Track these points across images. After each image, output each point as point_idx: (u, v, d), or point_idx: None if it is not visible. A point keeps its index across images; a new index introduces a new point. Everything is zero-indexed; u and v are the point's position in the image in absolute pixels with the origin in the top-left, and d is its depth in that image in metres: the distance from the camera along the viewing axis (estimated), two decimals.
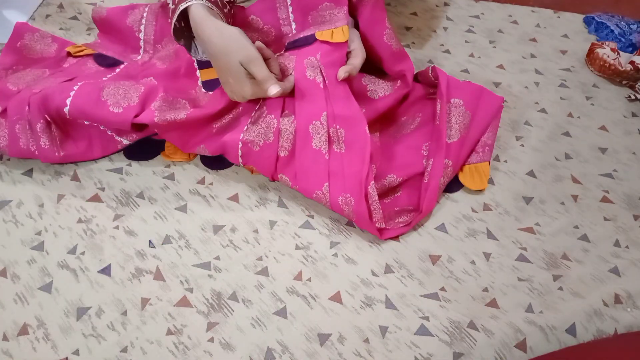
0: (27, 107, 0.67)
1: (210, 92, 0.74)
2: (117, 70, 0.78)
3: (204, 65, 0.76)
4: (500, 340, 0.60)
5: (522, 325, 0.61)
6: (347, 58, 0.72)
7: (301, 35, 0.74)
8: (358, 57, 0.72)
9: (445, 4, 1.06)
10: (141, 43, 0.81)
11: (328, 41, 0.71)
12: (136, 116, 0.68)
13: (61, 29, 0.89)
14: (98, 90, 0.68)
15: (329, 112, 0.68)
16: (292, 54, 0.73)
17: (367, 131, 0.67)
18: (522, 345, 0.59)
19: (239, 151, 0.69)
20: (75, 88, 0.68)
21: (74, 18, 0.91)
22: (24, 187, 0.69)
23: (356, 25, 0.76)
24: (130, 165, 0.72)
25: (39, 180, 0.70)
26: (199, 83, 0.76)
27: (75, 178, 0.70)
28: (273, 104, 0.70)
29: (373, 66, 0.78)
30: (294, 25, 0.76)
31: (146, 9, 0.82)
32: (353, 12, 0.75)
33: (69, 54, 0.81)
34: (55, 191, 0.69)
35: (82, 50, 0.81)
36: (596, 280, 0.66)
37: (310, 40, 0.73)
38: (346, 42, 0.71)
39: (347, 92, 0.69)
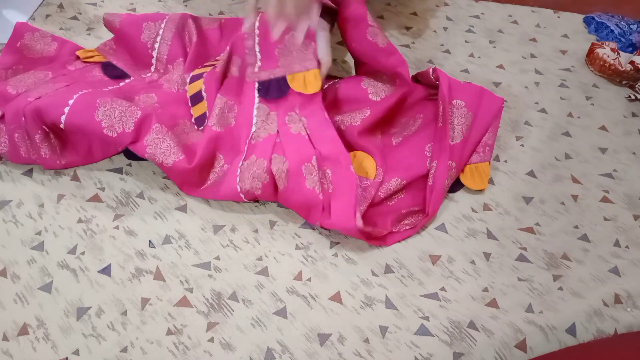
0: (22, 118, 0.66)
1: (200, 128, 0.73)
2: (121, 84, 0.77)
3: (195, 101, 0.74)
4: (500, 340, 0.60)
5: (522, 325, 0.61)
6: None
7: (271, 77, 0.73)
8: (323, 31, 0.72)
9: (445, 4, 1.06)
10: (153, 61, 0.79)
11: (302, 93, 0.71)
12: (130, 142, 0.67)
13: (61, 29, 0.89)
14: (93, 109, 0.66)
15: (317, 155, 0.68)
16: (272, 108, 0.72)
17: (353, 170, 0.67)
18: (522, 345, 0.59)
19: (242, 197, 0.68)
20: (70, 102, 0.66)
21: (74, 18, 0.91)
22: (24, 187, 0.69)
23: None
24: (130, 165, 0.72)
25: (39, 180, 0.70)
26: (193, 120, 0.74)
27: (75, 178, 0.70)
28: (262, 149, 0.69)
29: (367, 68, 0.78)
30: (258, 56, 0.74)
31: (162, 25, 0.79)
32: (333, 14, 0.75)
33: (77, 58, 0.79)
34: (55, 191, 0.69)
35: (92, 57, 0.79)
36: (596, 280, 0.66)
37: (284, 89, 0.72)
38: (320, 91, 0.71)
39: (332, 134, 0.69)
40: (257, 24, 0.74)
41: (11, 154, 0.69)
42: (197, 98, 0.74)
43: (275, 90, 0.73)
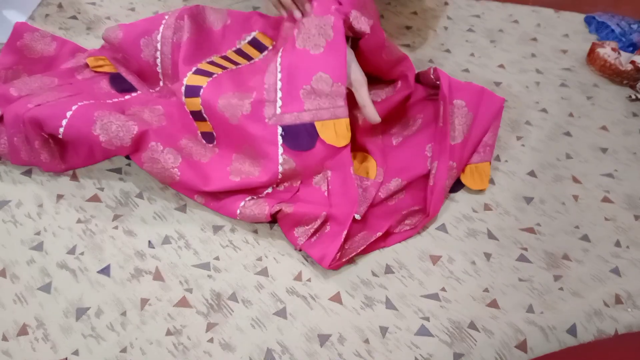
0: (21, 125, 0.66)
1: (210, 145, 0.71)
2: (127, 97, 0.75)
3: (198, 118, 0.71)
4: (500, 341, 0.60)
5: (522, 325, 0.61)
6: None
7: (297, 122, 0.66)
8: (363, 86, 0.68)
9: (445, 4, 1.06)
10: (160, 76, 0.78)
11: (333, 145, 0.66)
12: (130, 153, 0.67)
13: (61, 28, 0.89)
14: (90, 123, 0.65)
15: (327, 214, 0.66)
16: (298, 163, 0.67)
17: (343, 236, 0.64)
18: (522, 346, 0.59)
19: (237, 217, 0.67)
20: (68, 114, 0.65)
21: (74, 18, 0.91)
22: (23, 187, 0.69)
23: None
24: (129, 165, 0.72)
25: (38, 180, 0.69)
26: (199, 132, 0.72)
27: (74, 178, 0.70)
28: (273, 197, 0.68)
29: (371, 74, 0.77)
30: (279, 94, 0.67)
31: (159, 37, 0.76)
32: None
33: (87, 66, 0.78)
34: (55, 191, 0.69)
35: (102, 66, 0.78)
36: (596, 280, 0.66)
37: (313, 139, 0.66)
38: (350, 142, 0.67)
39: (353, 195, 0.66)
40: (279, 59, 0.68)
41: (11, 155, 0.69)
42: (198, 116, 0.72)
43: (303, 139, 0.66)
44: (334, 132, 0.66)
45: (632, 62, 0.92)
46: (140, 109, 0.72)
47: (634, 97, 0.91)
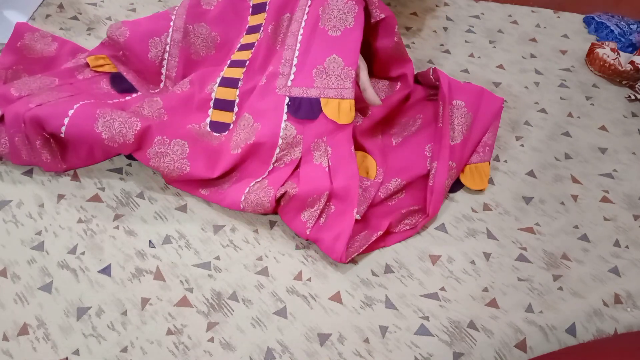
0: (22, 124, 0.66)
1: (216, 134, 0.73)
2: (127, 98, 0.76)
3: (220, 106, 0.73)
4: (500, 340, 0.60)
5: (522, 325, 0.61)
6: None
7: (304, 96, 0.70)
8: (363, 71, 0.73)
9: (445, 4, 1.06)
10: (162, 77, 0.78)
11: (335, 121, 0.69)
12: (133, 150, 0.68)
13: (61, 29, 0.89)
14: (93, 120, 0.65)
15: (330, 191, 0.66)
16: (298, 131, 0.69)
17: (354, 213, 0.65)
18: (522, 345, 0.60)
19: (240, 206, 0.67)
20: (70, 113, 0.65)
21: (74, 18, 0.91)
22: (24, 187, 0.69)
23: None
24: (130, 165, 0.72)
25: (39, 180, 0.70)
26: (207, 120, 0.73)
27: (75, 178, 0.70)
28: (277, 177, 0.68)
29: (370, 70, 0.78)
30: (294, 69, 0.71)
31: (168, 40, 0.77)
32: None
33: (87, 65, 0.78)
34: (55, 191, 0.69)
35: (102, 65, 0.78)
36: (596, 280, 0.66)
37: (316, 112, 0.69)
38: (352, 122, 0.69)
39: (353, 171, 0.67)
40: (299, 37, 0.72)
41: (12, 155, 0.69)
42: (224, 105, 0.73)
43: (306, 110, 0.69)
44: (337, 110, 0.69)
45: (631, 63, 0.92)
46: (140, 104, 0.72)
47: (633, 97, 0.91)
